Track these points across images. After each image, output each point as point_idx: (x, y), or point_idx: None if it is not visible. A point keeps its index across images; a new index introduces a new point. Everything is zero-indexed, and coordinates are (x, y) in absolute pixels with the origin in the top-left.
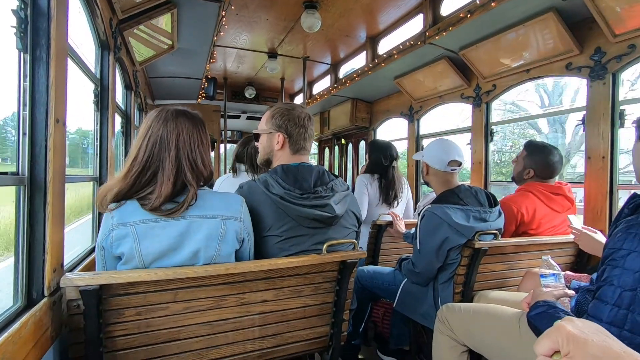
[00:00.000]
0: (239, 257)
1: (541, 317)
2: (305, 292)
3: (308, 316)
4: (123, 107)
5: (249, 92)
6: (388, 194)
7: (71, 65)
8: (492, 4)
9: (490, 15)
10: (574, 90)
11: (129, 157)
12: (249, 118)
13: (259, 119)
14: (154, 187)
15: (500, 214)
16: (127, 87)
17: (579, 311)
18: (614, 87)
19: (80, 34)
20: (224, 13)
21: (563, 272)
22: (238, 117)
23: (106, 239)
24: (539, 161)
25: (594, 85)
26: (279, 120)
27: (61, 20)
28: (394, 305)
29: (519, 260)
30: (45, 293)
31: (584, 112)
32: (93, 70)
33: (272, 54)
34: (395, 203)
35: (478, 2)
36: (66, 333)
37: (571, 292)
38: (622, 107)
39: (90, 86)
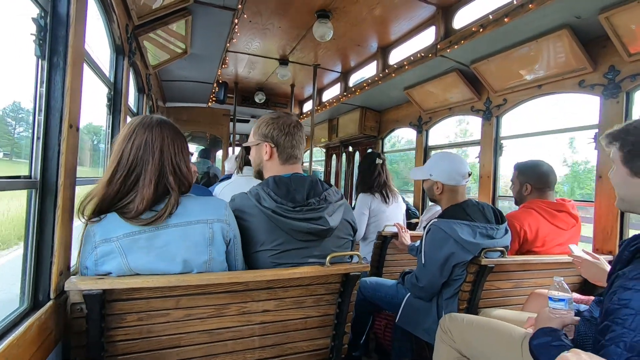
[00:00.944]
0: (228, 261)
1: (544, 348)
2: (307, 303)
3: (309, 327)
4: (135, 110)
5: (259, 97)
6: (382, 193)
7: (86, 70)
8: (506, 19)
9: (503, 30)
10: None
11: (112, 161)
12: None
13: None
14: (136, 194)
15: (507, 231)
16: (140, 90)
17: (577, 343)
18: (627, 106)
19: (95, 37)
20: (236, 21)
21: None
22: (247, 121)
23: (89, 258)
24: (531, 175)
25: (607, 104)
26: (264, 129)
27: (79, 27)
28: (396, 321)
29: (525, 279)
30: (51, 296)
31: (596, 131)
32: (107, 74)
33: (283, 61)
34: (390, 199)
35: (491, 17)
36: (69, 336)
37: (577, 318)
38: None
39: (104, 89)
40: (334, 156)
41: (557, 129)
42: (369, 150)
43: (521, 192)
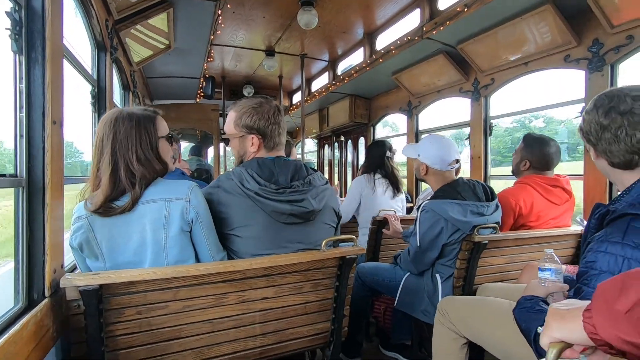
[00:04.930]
0: (194, 240)
1: (524, 314)
2: (306, 289)
3: (308, 312)
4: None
5: (247, 91)
6: (391, 182)
7: (68, 67)
8: None
9: (487, 8)
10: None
11: (94, 164)
12: None
13: None
14: (100, 190)
15: (497, 207)
16: (125, 87)
17: None
18: (612, 79)
19: (76, 36)
20: (220, 12)
21: (564, 265)
22: None
23: (70, 237)
24: (535, 152)
25: (592, 77)
26: (249, 121)
27: (56, 21)
28: (395, 305)
29: (518, 254)
30: (46, 294)
31: (583, 104)
32: (90, 71)
33: (270, 52)
34: (397, 193)
35: None
36: (68, 333)
37: (565, 286)
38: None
39: (88, 87)
40: (327, 146)
41: (544, 105)
42: (379, 138)
43: (519, 166)
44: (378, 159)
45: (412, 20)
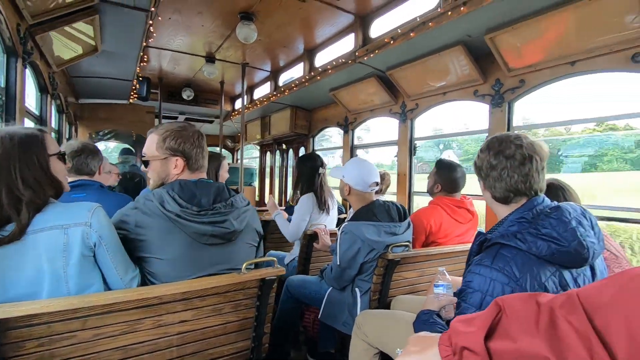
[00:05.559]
0: (99, 264)
1: (421, 326)
2: (226, 310)
3: (228, 332)
4: (37, 113)
5: (187, 94)
6: (322, 201)
7: None
8: (411, 34)
9: (409, 43)
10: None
11: None
12: (187, 119)
13: (199, 120)
14: None
15: (409, 226)
16: (42, 90)
17: None
18: (509, 115)
19: None
20: (151, 22)
21: (459, 278)
22: (175, 118)
23: None
24: (445, 177)
25: (494, 112)
26: (173, 143)
27: None
28: (319, 317)
29: (428, 268)
30: None
31: (487, 134)
32: None
33: (210, 58)
34: (328, 210)
35: (399, 31)
36: None
37: (454, 299)
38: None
39: None
40: (269, 153)
41: (457, 132)
42: (309, 152)
43: (433, 188)
44: (311, 176)
45: (348, 43)
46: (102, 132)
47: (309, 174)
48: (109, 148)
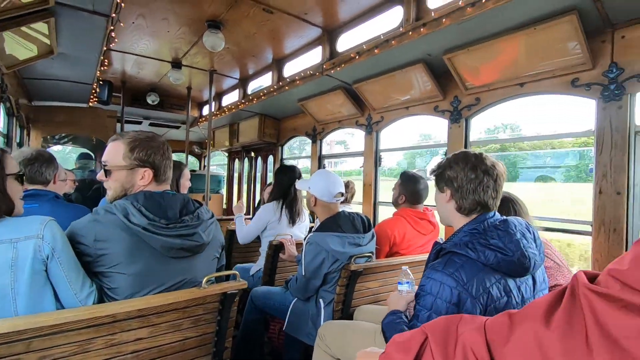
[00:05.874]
0: (51, 279)
1: (389, 325)
2: (185, 326)
3: (187, 349)
4: None
5: (152, 99)
6: (292, 211)
7: None
8: (376, 50)
9: (375, 58)
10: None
11: None
12: (152, 125)
13: (165, 126)
14: None
15: (373, 237)
16: None
17: None
18: (466, 131)
19: None
20: (112, 27)
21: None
22: (139, 122)
23: None
24: (409, 189)
25: (452, 127)
26: (142, 154)
27: None
28: (284, 328)
29: (391, 277)
30: None
31: (446, 148)
32: None
33: (177, 64)
34: (298, 221)
35: (364, 47)
36: None
37: None
38: (472, 148)
39: None
40: (237, 160)
41: (419, 144)
42: (289, 164)
43: (397, 200)
44: (287, 188)
45: (315, 55)
46: (59, 136)
47: (287, 185)
48: (66, 149)
